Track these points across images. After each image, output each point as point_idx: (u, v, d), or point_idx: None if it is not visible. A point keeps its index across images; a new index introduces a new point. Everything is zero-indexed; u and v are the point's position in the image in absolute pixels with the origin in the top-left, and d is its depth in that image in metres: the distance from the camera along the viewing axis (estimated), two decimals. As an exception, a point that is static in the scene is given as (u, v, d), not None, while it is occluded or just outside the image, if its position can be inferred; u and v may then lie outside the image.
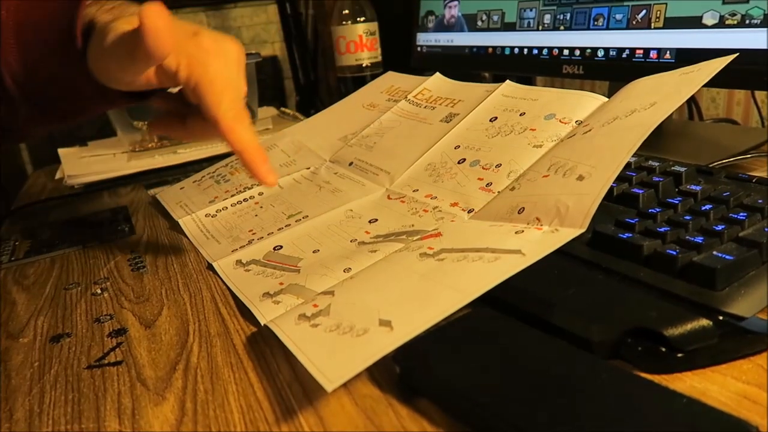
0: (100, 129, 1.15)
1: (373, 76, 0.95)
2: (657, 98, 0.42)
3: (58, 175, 0.80)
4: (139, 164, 0.82)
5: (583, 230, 0.34)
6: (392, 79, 0.77)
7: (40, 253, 0.57)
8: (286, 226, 0.52)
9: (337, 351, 0.31)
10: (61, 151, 0.92)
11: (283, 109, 1.07)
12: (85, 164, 0.84)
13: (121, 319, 0.42)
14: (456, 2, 0.85)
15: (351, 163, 0.62)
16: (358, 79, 0.97)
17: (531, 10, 0.73)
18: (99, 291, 0.46)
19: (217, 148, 0.85)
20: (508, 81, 0.61)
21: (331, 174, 0.61)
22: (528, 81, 0.99)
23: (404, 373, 0.31)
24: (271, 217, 0.55)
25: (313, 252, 0.47)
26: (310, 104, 1.22)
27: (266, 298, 0.41)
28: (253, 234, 0.52)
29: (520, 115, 0.54)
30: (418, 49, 0.93)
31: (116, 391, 0.34)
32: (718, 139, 0.66)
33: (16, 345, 0.40)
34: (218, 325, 0.40)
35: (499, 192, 0.46)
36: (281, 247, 0.49)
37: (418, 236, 0.44)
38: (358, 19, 0.96)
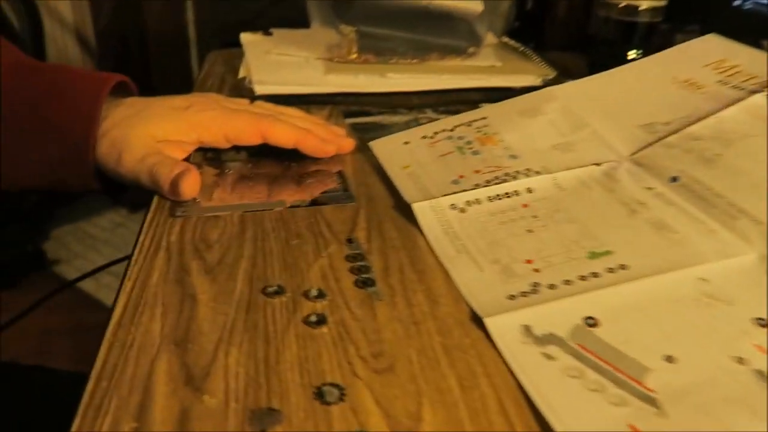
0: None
1: (651, 28, 0.71)
2: None
3: (241, 73, 0.65)
4: (339, 81, 0.64)
5: None
6: (719, 47, 0.53)
7: (225, 187, 0.42)
8: (591, 274, 0.34)
9: None
10: (244, 37, 0.76)
11: (506, 39, 0.85)
12: (273, 65, 0.67)
13: (354, 400, 0.26)
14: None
15: (675, 179, 0.41)
16: (626, 25, 0.73)
17: None
18: (314, 319, 0.31)
19: (435, 80, 0.66)
20: None
21: (641, 189, 0.41)
22: None
23: None
24: (558, 241, 0.36)
25: (666, 360, 0.28)
26: (530, 37, 0.98)
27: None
28: (536, 271, 0.34)
29: None
30: (736, 2, 0.66)
31: None
32: None
33: (199, 404, 0.25)
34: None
35: None
36: (595, 322, 0.30)
37: None
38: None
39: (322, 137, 0.47)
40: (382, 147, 0.49)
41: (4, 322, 0.53)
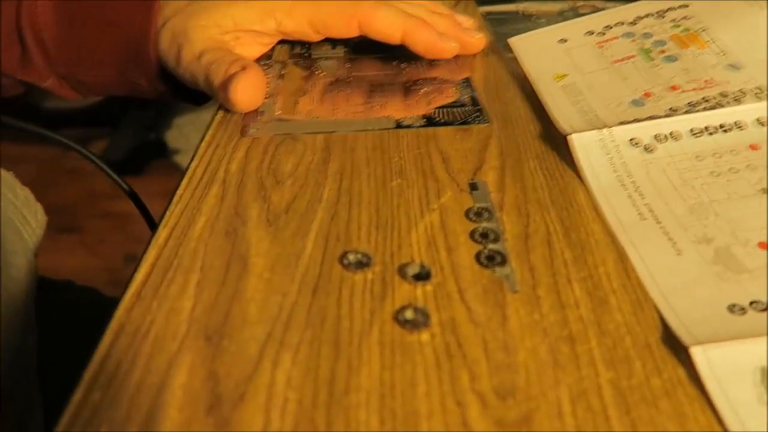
0: None
1: None
2: None
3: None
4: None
5: None
6: None
7: (313, 95, 0.32)
8: None
9: None
10: None
11: None
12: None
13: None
14: None
15: None
16: None
17: None
18: (410, 316, 0.20)
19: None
20: None
21: None
22: None
23: None
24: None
25: None
26: None
27: None
28: (777, 265, 0.21)
29: None
30: None
31: None
32: None
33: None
34: None
35: None
36: None
37: None
38: None
39: (441, 30, 0.34)
40: (527, 46, 0.36)
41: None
